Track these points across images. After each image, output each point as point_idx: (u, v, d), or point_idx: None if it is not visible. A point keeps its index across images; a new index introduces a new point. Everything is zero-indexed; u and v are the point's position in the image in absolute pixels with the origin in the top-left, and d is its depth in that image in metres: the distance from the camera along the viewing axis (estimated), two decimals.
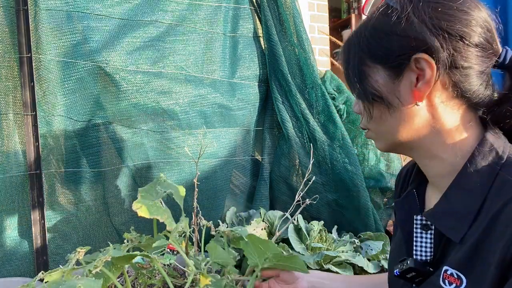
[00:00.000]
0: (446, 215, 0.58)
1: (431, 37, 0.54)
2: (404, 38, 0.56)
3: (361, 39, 0.61)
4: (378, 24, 0.59)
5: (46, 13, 1.32)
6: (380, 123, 0.63)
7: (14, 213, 1.36)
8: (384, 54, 0.58)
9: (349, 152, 1.75)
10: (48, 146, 1.38)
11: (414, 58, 0.56)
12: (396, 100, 0.59)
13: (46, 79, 1.34)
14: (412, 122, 0.60)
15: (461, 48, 0.55)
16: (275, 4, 1.77)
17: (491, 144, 0.57)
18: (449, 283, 0.56)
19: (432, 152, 0.61)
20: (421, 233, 0.64)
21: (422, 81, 0.56)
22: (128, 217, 1.53)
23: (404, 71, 0.58)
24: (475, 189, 0.55)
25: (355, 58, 0.62)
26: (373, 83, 0.60)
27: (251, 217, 1.65)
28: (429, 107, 0.59)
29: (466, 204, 0.56)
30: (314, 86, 1.80)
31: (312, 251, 1.50)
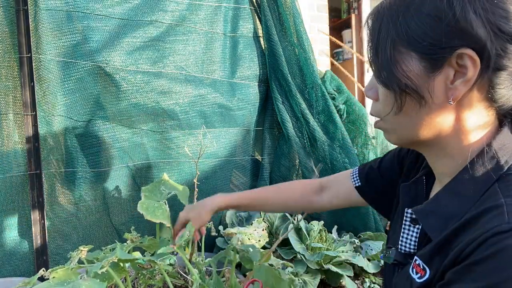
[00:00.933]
0: (432, 215, 0.56)
1: (485, 33, 0.48)
2: (453, 29, 0.49)
3: (399, 18, 0.52)
4: (425, 5, 0.50)
5: (46, 13, 1.32)
6: (399, 115, 0.56)
7: (14, 213, 1.36)
8: (424, 42, 0.50)
9: (349, 152, 1.75)
10: (48, 146, 1.38)
11: (457, 53, 0.49)
12: (428, 95, 0.52)
13: (46, 79, 1.34)
14: (437, 121, 0.54)
15: (508, 49, 0.49)
16: (275, 4, 1.77)
17: (494, 152, 0.53)
18: (416, 272, 0.56)
19: (446, 151, 0.57)
20: (409, 226, 0.63)
21: (461, 79, 0.50)
22: (128, 217, 1.53)
23: (443, 66, 0.51)
24: (467, 196, 0.53)
25: (387, 38, 0.53)
26: (407, 71, 0.52)
27: (251, 217, 1.65)
28: (457, 107, 0.53)
29: (454, 209, 0.53)
30: (314, 86, 1.80)
31: (312, 251, 1.50)
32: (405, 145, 0.63)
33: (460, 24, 0.48)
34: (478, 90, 0.52)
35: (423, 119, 0.55)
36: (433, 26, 0.50)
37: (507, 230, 0.44)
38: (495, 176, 0.51)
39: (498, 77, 0.50)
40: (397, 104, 0.55)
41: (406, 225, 0.63)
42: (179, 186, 1.05)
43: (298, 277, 1.39)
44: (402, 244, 0.63)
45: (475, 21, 0.48)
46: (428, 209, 0.58)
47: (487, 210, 0.48)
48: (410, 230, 0.63)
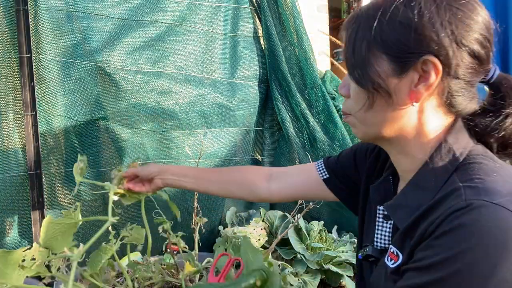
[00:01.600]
0: (400, 208, 0.61)
1: (447, 43, 0.53)
2: (421, 36, 0.54)
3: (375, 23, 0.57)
4: (398, 14, 0.55)
5: (46, 13, 1.32)
6: (367, 113, 0.61)
7: (14, 213, 1.36)
8: (395, 46, 0.56)
9: None
10: (48, 146, 1.38)
11: (423, 59, 0.54)
12: (394, 95, 0.58)
13: (46, 79, 1.34)
14: (400, 122, 0.60)
15: (467, 60, 0.54)
16: (275, 4, 1.77)
17: (449, 145, 0.58)
18: (390, 260, 0.60)
19: (406, 149, 0.62)
20: (382, 222, 0.68)
21: (423, 84, 0.55)
22: (128, 217, 1.53)
23: (409, 69, 0.56)
24: (429, 188, 0.57)
25: (363, 40, 0.58)
26: (379, 72, 0.57)
27: (251, 217, 1.65)
28: (419, 110, 0.59)
29: (419, 200, 0.58)
30: (314, 86, 1.80)
31: (312, 251, 1.50)
32: (370, 140, 0.67)
33: (427, 33, 0.53)
34: (438, 96, 0.58)
35: (388, 117, 0.60)
36: (403, 33, 0.55)
37: (464, 207, 0.49)
38: (452, 167, 0.57)
39: (456, 85, 0.56)
40: (369, 101, 0.60)
41: (379, 222, 0.68)
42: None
43: (298, 277, 1.39)
44: (377, 240, 0.68)
45: (441, 31, 0.53)
46: (396, 203, 0.63)
47: (448, 194, 0.53)
48: (383, 226, 0.68)
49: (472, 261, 0.47)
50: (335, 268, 1.44)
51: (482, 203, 0.49)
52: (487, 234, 0.47)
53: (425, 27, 0.53)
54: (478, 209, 0.49)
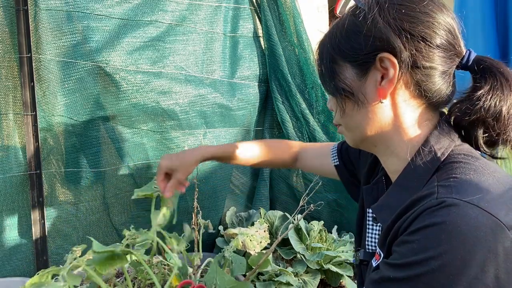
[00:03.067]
0: (385, 209, 0.62)
1: (394, 38, 0.57)
2: (370, 38, 0.58)
3: (332, 38, 0.64)
4: (347, 24, 0.62)
5: (46, 13, 1.32)
6: (349, 118, 0.65)
7: (14, 213, 1.36)
8: (351, 52, 0.61)
9: None
10: (48, 146, 1.38)
11: (378, 57, 0.58)
12: (362, 97, 0.62)
13: (46, 79, 1.34)
14: (377, 119, 0.62)
15: (422, 49, 0.57)
16: (275, 4, 1.77)
17: (431, 145, 0.59)
18: (375, 260, 0.62)
19: (391, 149, 0.64)
20: (372, 225, 0.69)
21: (386, 79, 0.59)
22: (128, 217, 1.53)
23: (370, 70, 0.60)
24: (411, 188, 0.59)
25: (327, 56, 0.64)
26: (343, 79, 0.63)
27: (251, 217, 1.65)
28: (392, 105, 0.61)
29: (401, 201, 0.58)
30: (314, 86, 1.80)
31: (312, 251, 1.50)
32: (359, 145, 0.69)
33: (373, 33, 0.58)
34: (406, 88, 0.60)
35: (364, 118, 0.63)
36: (355, 39, 0.60)
37: (435, 205, 0.50)
38: (433, 167, 0.58)
39: (419, 74, 0.58)
40: (340, 107, 0.65)
41: (369, 225, 0.69)
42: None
43: (298, 277, 1.39)
44: (368, 244, 0.69)
45: (385, 29, 0.57)
46: (381, 204, 0.64)
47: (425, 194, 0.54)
48: (373, 229, 0.69)
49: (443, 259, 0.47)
50: (335, 268, 1.44)
51: (453, 201, 0.50)
52: (457, 232, 0.47)
53: (370, 28, 0.58)
54: (448, 207, 0.49)
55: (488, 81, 0.57)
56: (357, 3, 0.62)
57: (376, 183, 0.73)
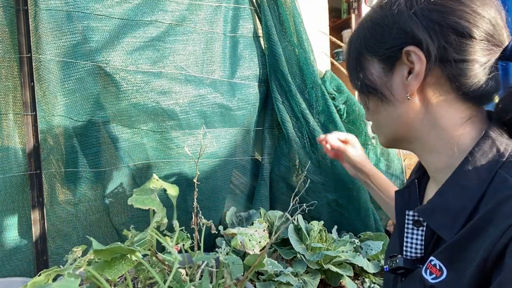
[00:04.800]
0: (439, 212, 0.56)
1: (420, 30, 0.53)
2: (395, 30, 0.55)
3: (360, 32, 0.61)
4: (374, 16, 0.59)
5: (46, 13, 1.32)
6: (376, 116, 0.63)
7: (14, 213, 1.36)
8: (377, 46, 0.58)
9: None
10: (48, 146, 1.38)
11: (404, 51, 0.55)
12: (388, 93, 0.58)
13: (46, 79, 1.34)
14: (407, 116, 0.59)
15: (453, 41, 0.52)
16: (275, 4, 1.77)
17: (492, 141, 0.54)
18: (430, 273, 0.55)
19: (429, 146, 0.60)
20: (413, 229, 0.62)
21: (412, 74, 0.55)
22: (128, 217, 1.53)
23: (396, 64, 0.57)
24: (472, 187, 0.52)
25: (355, 51, 0.62)
26: (368, 75, 0.60)
27: (251, 217, 1.65)
28: (423, 101, 0.57)
29: (462, 202, 0.53)
30: (314, 86, 1.80)
31: (312, 251, 1.50)
32: (393, 145, 0.66)
33: (399, 25, 0.54)
34: (437, 83, 0.55)
35: (393, 116, 0.60)
36: (380, 32, 0.57)
37: None
38: (497, 163, 0.52)
39: (450, 67, 0.53)
40: (364, 103, 0.63)
41: (408, 229, 0.62)
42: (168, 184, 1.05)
43: (298, 277, 1.39)
44: (407, 250, 0.61)
45: (411, 20, 0.53)
46: (432, 207, 0.57)
47: (506, 199, 0.47)
48: (414, 234, 0.61)
49: None
50: (335, 268, 1.44)
51: None
52: None
53: (395, 20, 0.55)
54: None
55: None
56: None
57: (408, 187, 0.68)
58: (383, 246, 1.60)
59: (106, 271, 0.77)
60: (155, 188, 0.95)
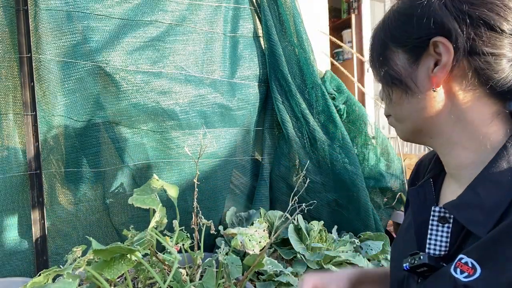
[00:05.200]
0: (471, 208, 0.54)
1: (450, 20, 0.52)
2: (423, 20, 0.54)
3: (385, 23, 0.60)
4: (401, 6, 0.58)
5: (46, 13, 1.32)
6: (398, 108, 0.62)
7: (14, 213, 1.36)
8: (403, 36, 0.57)
9: (349, 152, 1.75)
10: (48, 146, 1.38)
11: (432, 41, 0.54)
12: (413, 84, 0.58)
13: (46, 79, 1.34)
14: (431, 109, 0.58)
15: (483, 33, 0.51)
16: (275, 4, 1.77)
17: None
18: (461, 272, 0.53)
19: (453, 141, 0.59)
20: (437, 226, 0.60)
21: (439, 66, 0.54)
22: (128, 217, 1.53)
23: (422, 55, 0.56)
24: (507, 183, 0.51)
25: (379, 42, 0.61)
26: (394, 66, 0.59)
27: (251, 217, 1.65)
28: (448, 94, 0.56)
29: (496, 197, 0.52)
30: (314, 86, 1.80)
31: (312, 251, 1.50)
32: (412, 138, 0.64)
33: (427, 15, 0.53)
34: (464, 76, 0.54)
35: (417, 108, 0.59)
36: (407, 22, 0.56)
37: None
38: None
39: (479, 60, 0.53)
40: (387, 95, 0.62)
41: (433, 226, 0.60)
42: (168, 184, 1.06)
43: (298, 277, 1.39)
44: (431, 247, 0.60)
45: (441, 10, 0.53)
46: (463, 202, 0.56)
47: None
48: (438, 231, 0.60)
49: None
50: (335, 268, 1.44)
51: None
52: None
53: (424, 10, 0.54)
54: None
55: None
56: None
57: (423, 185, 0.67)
58: (383, 246, 1.60)
59: (106, 271, 0.77)
60: (156, 188, 0.95)
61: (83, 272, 0.84)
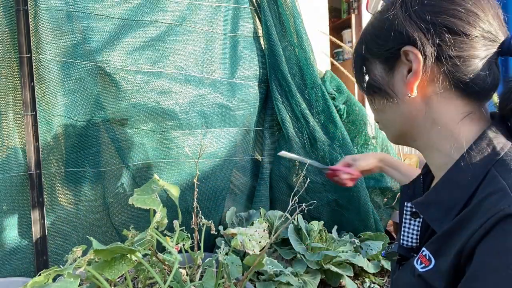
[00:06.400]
0: (433, 206, 0.59)
1: (414, 30, 0.56)
2: (392, 32, 0.58)
3: (363, 37, 0.65)
4: (374, 21, 0.63)
5: (46, 13, 1.32)
6: (382, 114, 0.66)
7: (14, 213, 1.36)
8: (377, 48, 0.62)
9: (349, 152, 1.75)
10: (48, 146, 1.38)
11: (402, 51, 0.58)
12: (391, 92, 0.62)
13: (46, 79, 1.34)
14: (409, 113, 0.61)
15: (447, 39, 0.55)
16: (275, 4, 1.77)
17: (490, 139, 0.55)
18: (420, 263, 0.58)
19: (431, 143, 0.62)
20: (410, 220, 0.66)
21: (411, 73, 0.58)
22: (128, 217, 1.53)
23: (396, 64, 0.60)
24: (465, 183, 0.54)
25: (359, 56, 0.66)
26: (373, 76, 0.64)
27: (251, 217, 1.65)
28: (423, 98, 0.59)
29: (454, 197, 0.55)
30: (314, 86, 1.80)
31: (312, 251, 1.50)
32: (399, 141, 0.69)
33: (396, 27, 0.58)
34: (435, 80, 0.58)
35: (397, 113, 0.63)
36: (379, 35, 0.61)
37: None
38: (491, 162, 0.54)
39: (447, 64, 0.56)
40: (371, 103, 0.67)
41: (406, 220, 0.66)
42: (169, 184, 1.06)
43: (298, 277, 1.39)
44: (404, 239, 0.66)
45: (405, 22, 0.57)
46: (427, 200, 0.60)
47: (489, 194, 0.50)
48: (411, 224, 0.66)
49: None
50: (335, 268, 1.44)
51: None
52: None
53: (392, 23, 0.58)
54: None
55: None
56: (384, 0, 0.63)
57: (414, 182, 0.72)
58: (383, 246, 1.60)
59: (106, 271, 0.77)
60: (156, 188, 0.95)
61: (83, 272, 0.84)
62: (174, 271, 0.82)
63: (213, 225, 1.16)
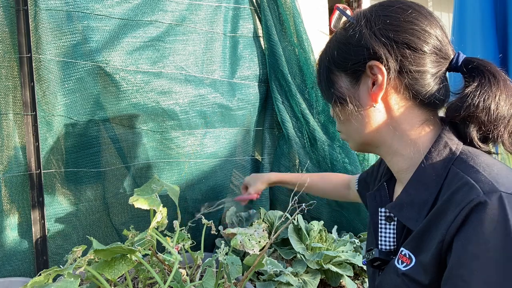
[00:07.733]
0: (406, 207, 0.64)
1: (380, 46, 0.61)
2: (358, 48, 0.63)
3: (328, 51, 0.69)
4: (339, 36, 0.67)
5: (46, 13, 1.32)
6: (347, 124, 0.70)
7: (14, 213, 1.36)
8: (343, 62, 0.66)
9: (349, 152, 1.75)
10: (48, 146, 1.38)
11: (368, 65, 0.63)
12: (357, 102, 0.66)
13: (46, 79, 1.34)
14: (373, 122, 0.66)
15: (408, 55, 0.61)
16: (275, 4, 1.77)
17: (445, 141, 0.62)
18: (402, 262, 0.62)
19: (393, 149, 0.68)
20: (385, 224, 0.70)
21: (376, 85, 0.63)
22: (128, 217, 1.53)
23: (361, 77, 0.65)
24: (431, 182, 0.61)
25: (325, 69, 0.70)
26: (338, 88, 0.68)
27: (251, 217, 1.65)
28: (386, 108, 0.65)
29: (423, 196, 0.61)
30: (314, 86, 1.80)
31: (312, 251, 1.50)
32: (362, 149, 0.73)
33: (360, 43, 0.63)
34: (397, 91, 0.64)
35: (361, 123, 0.67)
36: (346, 50, 0.66)
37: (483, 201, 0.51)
38: (450, 160, 0.61)
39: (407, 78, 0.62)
40: (336, 114, 0.70)
41: (382, 224, 0.71)
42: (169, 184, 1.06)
43: (298, 277, 1.39)
44: (382, 243, 0.70)
45: (371, 39, 0.62)
46: (400, 202, 0.66)
47: (457, 189, 0.56)
48: (386, 228, 0.70)
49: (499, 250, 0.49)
50: (335, 268, 1.44)
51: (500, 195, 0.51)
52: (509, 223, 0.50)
53: (358, 39, 0.63)
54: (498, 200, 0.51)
55: (476, 79, 0.61)
56: (347, 18, 0.67)
57: (378, 189, 0.76)
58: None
59: (106, 271, 0.77)
60: (156, 188, 0.96)
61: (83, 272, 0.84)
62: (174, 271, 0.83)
63: (213, 225, 1.16)
